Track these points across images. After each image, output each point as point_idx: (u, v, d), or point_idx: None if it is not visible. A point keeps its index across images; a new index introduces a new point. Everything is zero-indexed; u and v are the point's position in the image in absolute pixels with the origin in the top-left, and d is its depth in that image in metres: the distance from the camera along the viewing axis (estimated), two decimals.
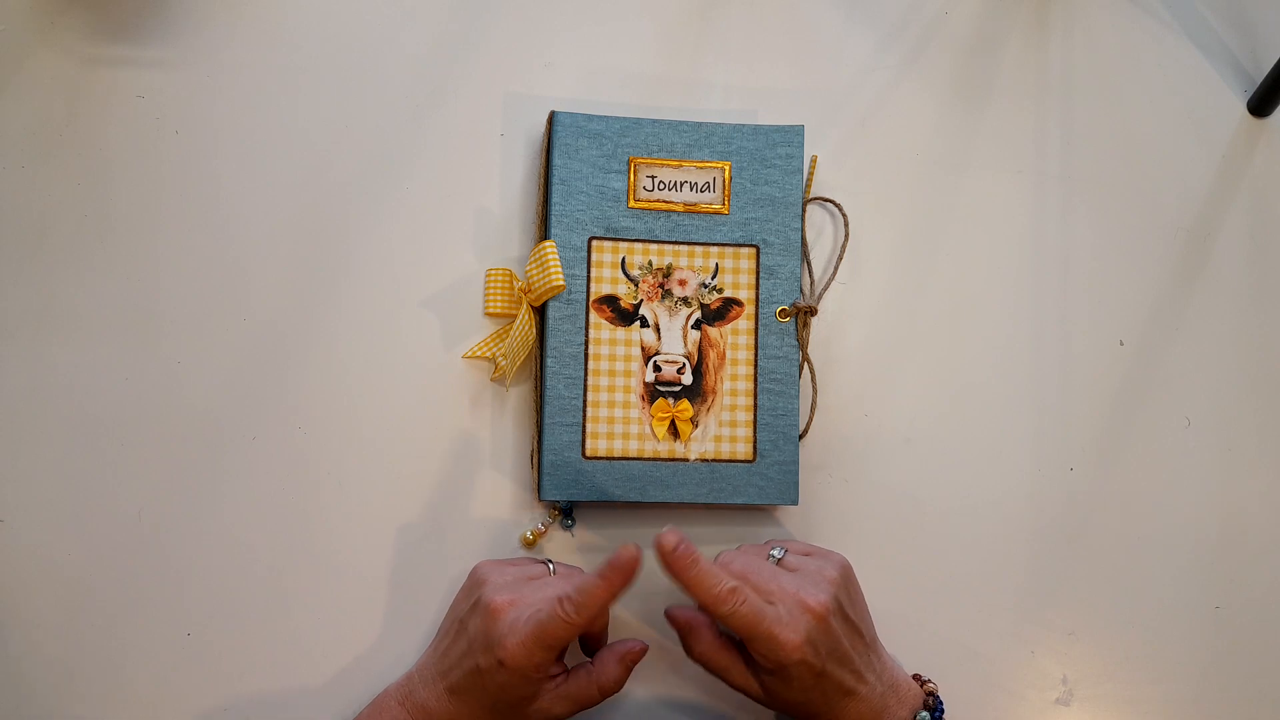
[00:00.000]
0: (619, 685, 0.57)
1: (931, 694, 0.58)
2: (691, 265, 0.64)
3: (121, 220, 0.65)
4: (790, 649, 0.52)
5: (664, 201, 0.64)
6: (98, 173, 0.66)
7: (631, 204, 0.64)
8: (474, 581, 0.58)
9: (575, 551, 0.64)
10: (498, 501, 0.64)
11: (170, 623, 0.61)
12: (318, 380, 0.64)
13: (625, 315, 0.63)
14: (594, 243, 0.64)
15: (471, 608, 0.56)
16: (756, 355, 0.64)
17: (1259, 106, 0.72)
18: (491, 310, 0.65)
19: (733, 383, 0.64)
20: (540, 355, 0.63)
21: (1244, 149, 0.72)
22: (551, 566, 0.59)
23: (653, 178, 0.64)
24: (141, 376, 0.64)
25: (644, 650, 0.58)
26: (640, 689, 0.63)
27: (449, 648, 0.57)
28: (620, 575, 0.52)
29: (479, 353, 0.65)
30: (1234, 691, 0.65)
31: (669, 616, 0.58)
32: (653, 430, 0.63)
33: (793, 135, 0.66)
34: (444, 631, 0.59)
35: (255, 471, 0.63)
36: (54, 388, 0.63)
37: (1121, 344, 0.69)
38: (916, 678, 0.59)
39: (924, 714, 0.57)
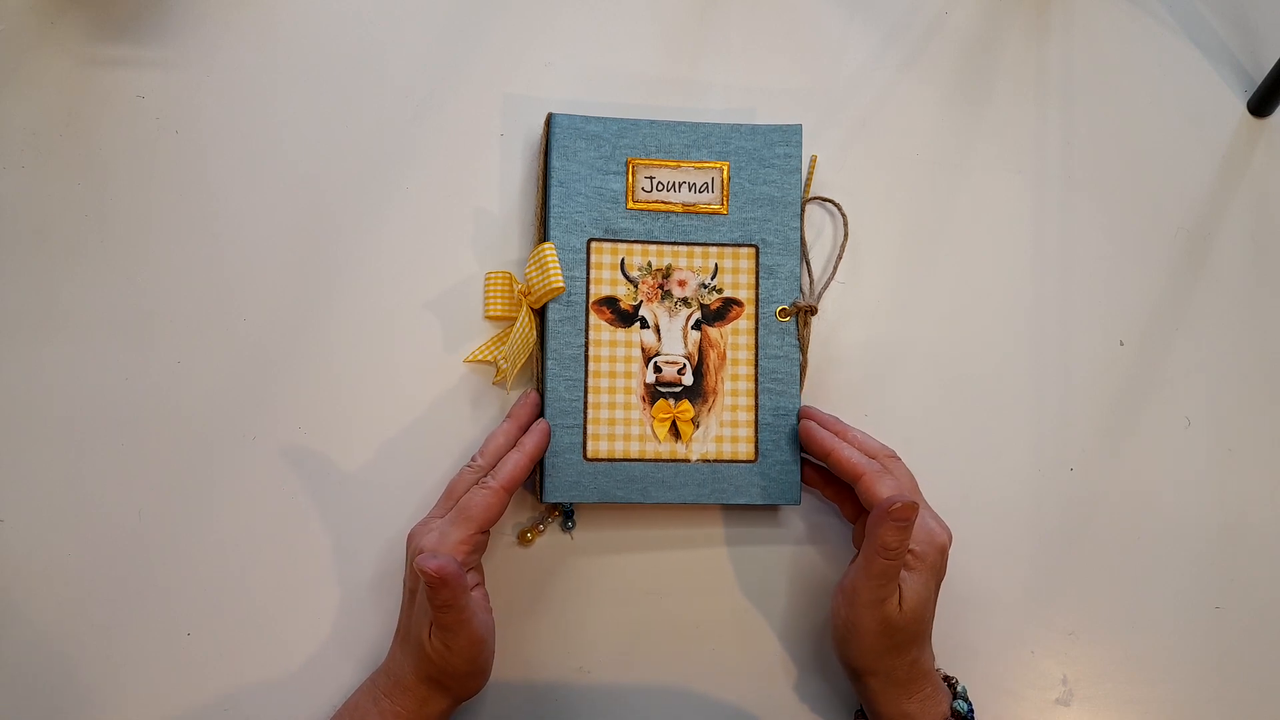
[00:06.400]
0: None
1: (962, 697, 0.58)
2: (691, 266, 0.64)
3: (121, 220, 0.65)
4: (944, 532, 0.57)
5: (663, 202, 0.64)
6: (98, 173, 0.66)
7: (630, 205, 0.64)
8: (409, 549, 0.58)
9: (575, 553, 0.64)
10: None
11: (170, 623, 0.61)
12: (317, 381, 0.64)
13: (625, 316, 0.63)
14: (593, 244, 0.64)
15: (410, 571, 0.57)
16: (757, 355, 0.64)
17: (1259, 106, 0.72)
18: (491, 313, 0.65)
19: (733, 383, 0.64)
20: (540, 357, 0.63)
21: (1244, 149, 0.72)
22: None
23: (651, 178, 0.64)
24: (141, 376, 0.64)
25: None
26: (641, 688, 0.63)
27: (404, 616, 0.58)
28: (526, 410, 0.59)
29: (480, 356, 0.65)
30: (1234, 691, 0.65)
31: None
32: (654, 431, 0.63)
33: (791, 135, 0.65)
34: (401, 608, 0.59)
35: (255, 471, 0.63)
36: (54, 388, 0.63)
37: (1121, 344, 0.69)
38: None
39: (960, 703, 0.57)
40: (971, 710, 0.57)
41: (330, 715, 0.58)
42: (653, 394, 0.63)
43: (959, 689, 0.58)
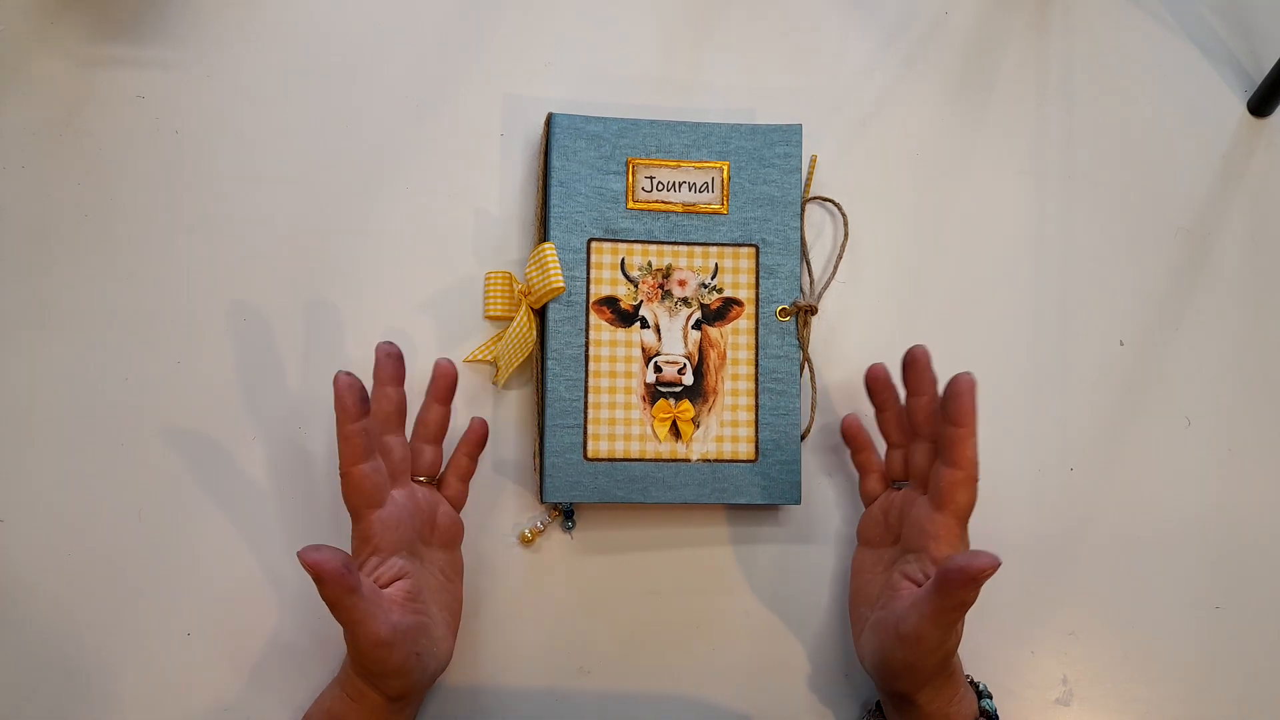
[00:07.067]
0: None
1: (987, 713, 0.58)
2: (691, 265, 0.64)
3: (121, 220, 0.65)
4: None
5: (663, 202, 0.64)
6: (98, 173, 0.66)
7: (630, 205, 0.64)
8: None
9: (575, 553, 0.64)
10: (500, 503, 0.64)
11: (170, 623, 0.61)
12: (317, 381, 0.64)
13: (625, 316, 0.63)
14: (593, 244, 0.64)
15: None
16: (757, 355, 0.64)
17: (1259, 106, 0.72)
18: (492, 313, 0.65)
19: (734, 383, 0.64)
20: (541, 357, 0.63)
21: (1244, 149, 0.72)
22: None
23: (651, 178, 0.64)
24: (141, 376, 0.64)
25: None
26: (642, 688, 0.63)
27: None
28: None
29: (480, 356, 0.65)
30: (1234, 691, 0.65)
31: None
32: (654, 431, 0.63)
33: (791, 134, 0.65)
34: None
35: (255, 471, 0.63)
36: (54, 388, 0.63)
37: (1121, 344, 0.69)
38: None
39: (987, 702, 0.57)
40: (996, 710, 0.57)
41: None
42: (653, 394, 0.63)
43: (981, 688, 0.58)
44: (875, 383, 0.62)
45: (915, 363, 0.58)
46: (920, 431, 0.59)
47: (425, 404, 0.60)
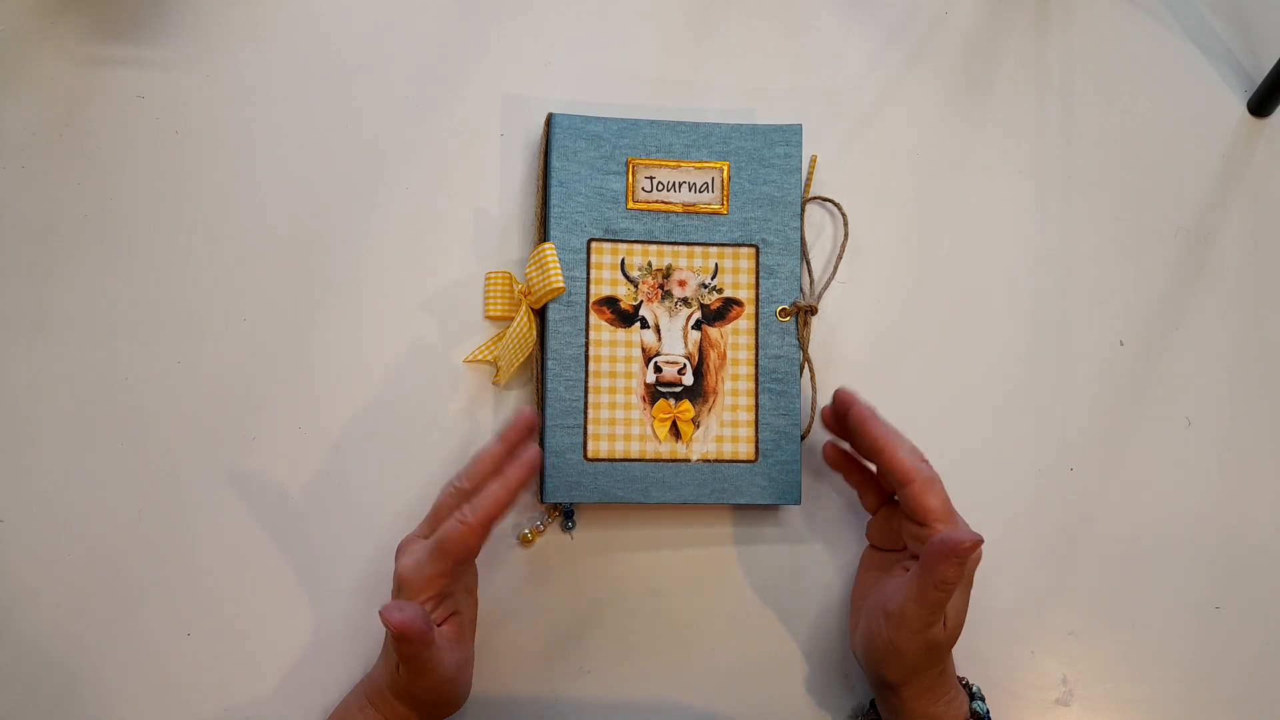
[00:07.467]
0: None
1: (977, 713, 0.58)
2: (691, 265, 0.64)
3: (121, 220, 0.65)
4: (973, 538, 0.51)
5: (663, 202, 0.64)
6: (98, 173, 0.66)
7: (630, 205, 0.64)
8: (397, 562, 0.56)
9: (575, 553, 0.64)
10: None
11: (170, 623, 0.61)
12: (317, 381, 0.64)
13: (625, 316, 0.63)
14: (593, 244, 0.64)
15: (394, 582, 0.56)
16: (757, 355, 0.64)
17: (1259, 106, 0.72)
18: (492, 313, 0.65)
19: (734, 383, 0.64)
20: (541, 357, 0.63)
21: (1244, 149, 0.72)
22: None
23: (651, 178, 0.64)
24: (141, 376, 0.64)
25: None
26: (642, 688, 0.63)
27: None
28: (518, 433, 0.56)
29: (480, 356, 0.65)
30: (1234, 692, 0.65)
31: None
32: (654, 431, 0.63)
33: (791, 134, 0.65)
34: None
35: (255, 471, 0.63)
36: (54, 388, 0.63)
37: (1121, 344, 0.69)
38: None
39: (979, 704, 0.57)
40: (988, 712, 0.57)
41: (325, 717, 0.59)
42: (653, 394, 0.63)
43: (974, 689, 0.58)
44: (831, 462, 0.63)
45: (840, 412, 0.59)
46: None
47: (498, 448, 0.57)
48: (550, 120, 0.65)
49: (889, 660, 0.55)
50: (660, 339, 0.63)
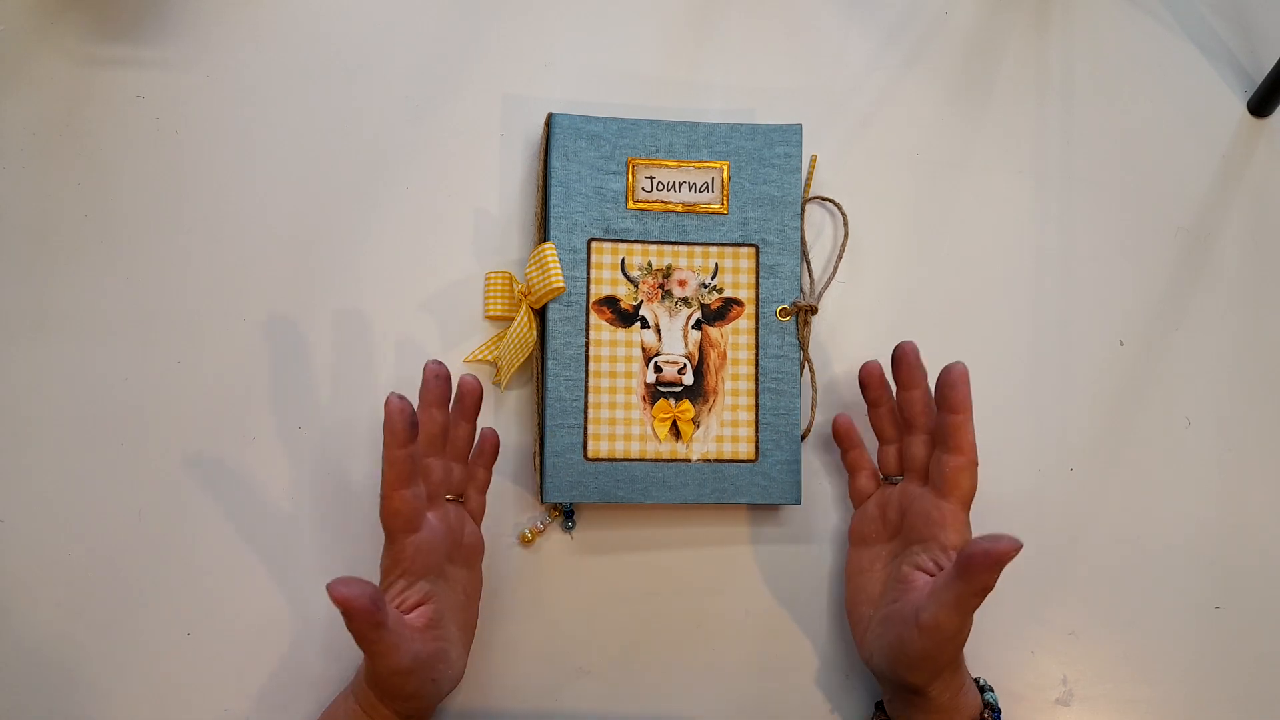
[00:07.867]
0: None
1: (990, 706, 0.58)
2: (691, 265, 0.64)
3: (122, 220, 0.65)
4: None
5: (663, 202, 0.64)
6: (98, 173, 0.66)
7: (630, 205, 0.64)
8: None
9: (575, 553, 0.64)
10: (500, 503, 0.64)
11: (170, 623, 0.61)
12: (318, 382, 0.64)
13: (625, 316, 0.63)
14: (593, 244, 0.64)
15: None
16: (757, 355, 0.64)
17: (1259, 106, 0.72)
18: (492, 313, 0.65)
19: (734, 382, 0.64)
20: (541, 357, 0.63)
21: (1244, 149, 0.72)
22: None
23: (651, 178, 0.64)
24: (141, 376, 0.64)
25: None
26: (642, 688, 0.63)
27: None
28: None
29: (480, 356, 0.65)
30: (1234, 692, 0.65)
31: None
32: (654, 431, 0.63)
33: (791, 134, 0.65)
34: None
35: (255, 471, 0.63)
36: (54, 388, 0.63)
37: (1121, 344, 0.69)
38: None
39: (990, 695, 0.57)
40: (998, 701, 0.58)
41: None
42: (653, 394, 0.63)
43: (982, 682, 0.58)
44: (869, 379, 0.63)
45: (905, 358, 0.60)
46: (915, 424, 0.60)
47: (452, 421, 0.59)
48: (550, 120, 0.65)
49: (922, 668, 0.54)
50: (660, 339, 0.63)
